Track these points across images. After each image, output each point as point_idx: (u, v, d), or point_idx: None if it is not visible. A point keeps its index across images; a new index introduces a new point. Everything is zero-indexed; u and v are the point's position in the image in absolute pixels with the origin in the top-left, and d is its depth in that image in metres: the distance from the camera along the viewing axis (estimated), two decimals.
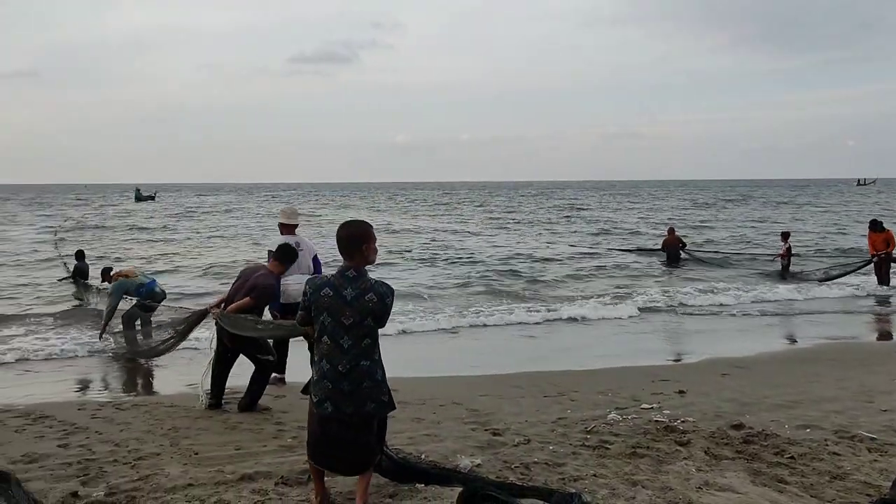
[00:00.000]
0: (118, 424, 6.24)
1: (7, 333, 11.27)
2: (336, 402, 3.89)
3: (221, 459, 5.16)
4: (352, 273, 3.92)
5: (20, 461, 5.18)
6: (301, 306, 4.04)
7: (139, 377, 8.95)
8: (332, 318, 3.86)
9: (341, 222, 4.07)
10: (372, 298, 3.88)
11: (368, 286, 3.91)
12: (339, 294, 3.86)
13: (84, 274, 14.86)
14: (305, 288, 3.99)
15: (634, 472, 4.84)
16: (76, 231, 33.27)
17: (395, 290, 4.09)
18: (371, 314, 3.88)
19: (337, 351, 3.86)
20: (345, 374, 3.87)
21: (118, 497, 4.41)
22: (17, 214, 51.01)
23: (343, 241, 3.95)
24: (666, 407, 6.60)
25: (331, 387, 3.89)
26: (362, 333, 3.88)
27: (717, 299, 14.43)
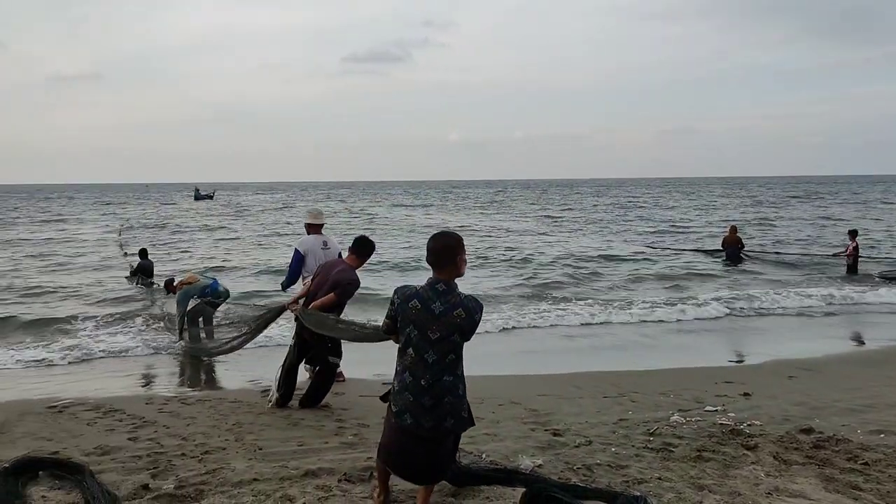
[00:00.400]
0: (184, 419, 6.39)
1: (76, 329, 11.68)
2: (416, 416, 3.81)
3: (285, 455, 5.24)
4: (441, 287, 3.81)
5: (93, 453, 5.36)
6: (387, 314, 3.97)
7: (203, 373, 9.15)
8: (419, 331, 3.77)
9: (434, 233, 3.96)
10: (460, 314, 3.76)
11: (458, 301, 3.79)
12: (428, 307, 3.76)
13: (148, 271, 15.28)
14: (393, 297, 3.90)
15: (701, 476, 4.74)
16: (138, 230, 34.26)
17: (483, 306, 3.95)
18: (458, 330, 3.77)
19: (421, 365, 3.77)
20: (427, 388, 3.78)
21: (187, 490, 4.52)
22: (83, 213, 52.74)
23: (436, 253, 3.84)
24: (731, 410, 6.45)
25: (412, 399, 3.81)
26: (448, 349, 3.77)
27: (779, 299, 14.02)
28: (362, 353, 8.69)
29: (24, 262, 21.79)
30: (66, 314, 12.87)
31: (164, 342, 10.45)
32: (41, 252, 24.67)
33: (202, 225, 38.96)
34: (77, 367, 9.45)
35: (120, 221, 37.16)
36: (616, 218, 42.74)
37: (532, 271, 18.94)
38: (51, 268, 20.59)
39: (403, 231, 33.99)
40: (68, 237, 31.27)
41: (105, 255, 23.39)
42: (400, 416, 3.85)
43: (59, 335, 11.19)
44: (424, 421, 3.80)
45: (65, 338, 10.95)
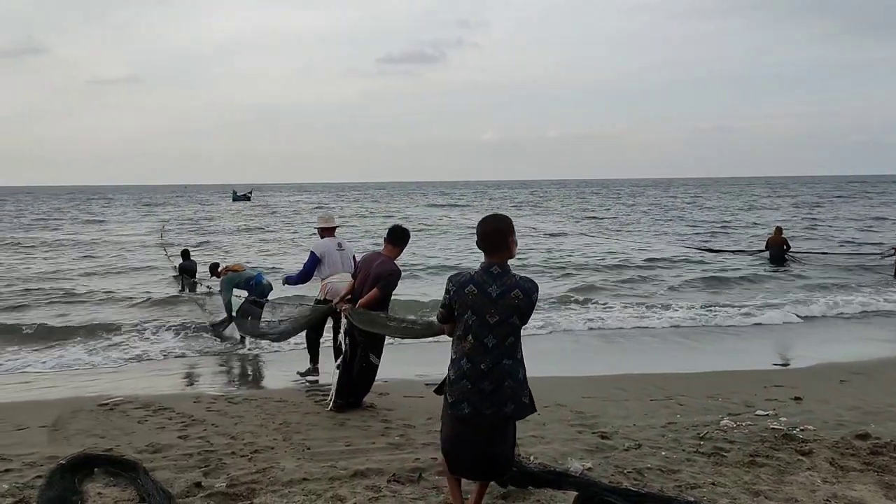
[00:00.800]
0: (232, 418, 6.47)
1: (122, 330, 11.88)
2: (474, 403, 3.72)
3: (333, 455, 5.27)
4: (496, 269, 3.73)
5: (145, 451, 5.44)
6: (442, 303, 3.89)
7: (247, 372, 9.26)
8: (477, 316, 3.69)
9: (484, 216, 3.87)
10: (518, 295, 3.70)
11: (514, 282, 3.72)
12: (484, 291, 3.69)
13: (191, 272, 15.50)
14: (448, 285, 3.81)
15: (755, 481, 4.65)
16: (178, 231, 34.73)
17: (539, 286, 3.87)
18: (517, 311, 3.70)
19: (480, 350, 3.69)
20: (486, 372, 3.69)
21: (239, 489, 4.57)
22: (123, 214, 53.71)
23: (489, 236, 3.76)
24: (782, 414, 6.32)
25: (470, 387, 3.72)
26: (507, 332, 3.71)
27: (827, 301, 13.71)
28: (402, 353, 8.73)
29: (70, 264, 22.24)
30: (112, 315, 13.12)
31: (207, 343, 10.61)
32: (86, 254, 25.16)
33: (240, 226, 39.44)
34: (124, 366, 9.62)
35: (160, 223, 37.74)
36: (654, 220, 42.22)
37: (571, 272, 18.77)
38: (95, 269, 21.01)
39: (445, 233, 33.26)
40: (111, 239, 31.84)
41: (148, 256, 23.79)
42: (457, 406, 3.77)
43: (105, 335, 11.38)
44: (484, 408, 3.71)
45: (112, 337, 11.14)
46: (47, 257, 24.07)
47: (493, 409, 3.71)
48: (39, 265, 21.31)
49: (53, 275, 19.24)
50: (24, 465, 5.16)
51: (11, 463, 5.21)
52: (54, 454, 5.32)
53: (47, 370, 9.31)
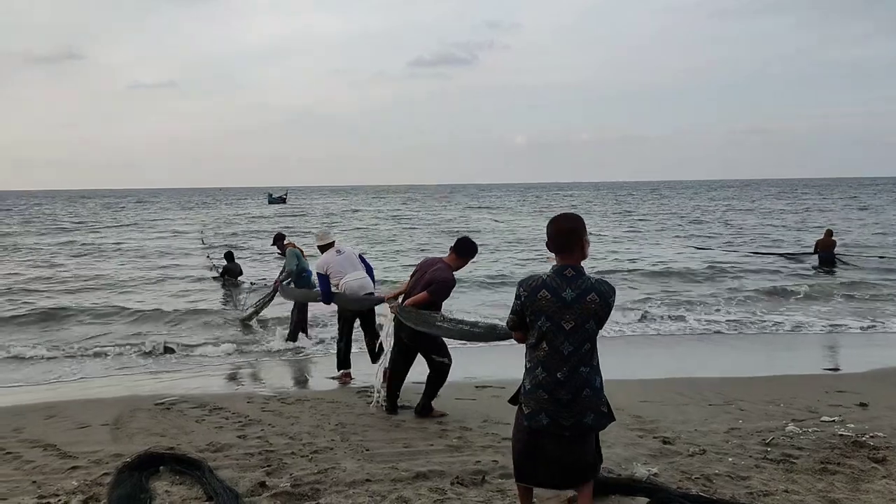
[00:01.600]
0: (287, 418, 6.49)
1: (174, 329, 12.09)
2: (552, 414, 3.55)
3: (392, 456, 5.26)
4: (570, 272, 3.54)
5: (206, 449, 5.49)
6: (512, 310, 3.70)
7: (296, 373, 9.28)
8: (552, 322, 3.51)
9: (555, 215, 3.72)
10: (594, 299, 3.51)
11: (589, 285, 3.54)
12: (558, 296, 3.50)
13: (235, 273, 15.69)
14: (518, 290, 3.63)
15: (829, 489, 4.52)
16: (217, 233, 35.11)
17: (615, 289, 3.70)
18: (594, 316, 3.52)
19: (556, 357, 3.52)
20: (563, 381, 3.52)
21: (303, 489, 4.57)
22: (163, 216, 54.54)
23: (562, 236, 3.58)
24: (848, 420, 6.15)
25: (546, 397, 3.55)
26: (583, 338, 3.53)
27: (880, 306, 13.35)
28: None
29: (112, 266, 22.56)
30: (160, 316, 13.28)
31: (251, 344, 10.70)
32: (131, 257, 25.45)
33: (278, 227, 39.78)
34: (175, 365, 9.70)
35: (200, 225, 38.25)
36: (690, 222, 41.62)
37: (620, 278, 18.29)
38: (139, 269, 21.34)
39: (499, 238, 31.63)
40: (154, 241, 32.31)
41: (190, 258, 24.10)
42: (533, 418, 3.60)
43: (155, 335, 11.51)
44: (563, 419, 3.54)
45: (163, 338, 11.23)
46: (85, 263, 24.34)
47: (572, 421, 3.54)
48: (78, 270, 21.43)
49: (101, 276, 19.46)
50: (90, 462, 5.24)
51: (78, 460, 5.30)
52: (119, 452, 5.41)
53: (103, 372, 9.40)
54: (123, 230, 40.08)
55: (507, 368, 8.71)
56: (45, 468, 5.14)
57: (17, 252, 27.19)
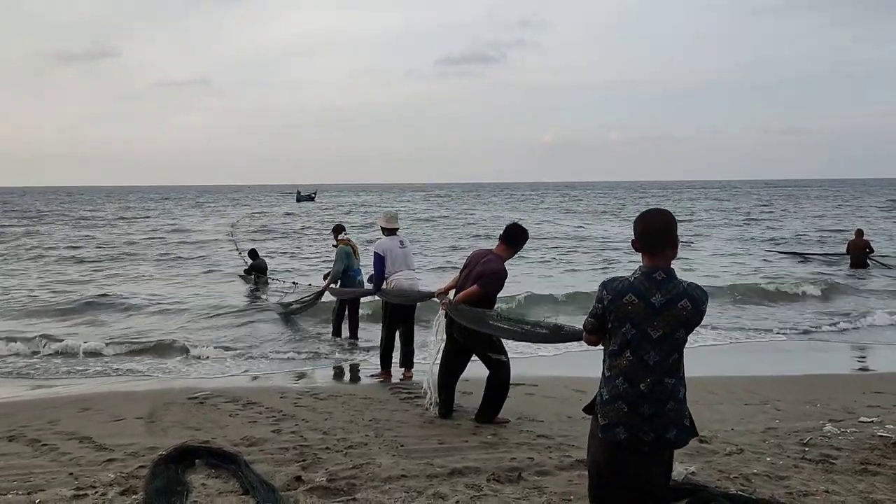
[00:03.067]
0: (321, 413, 6.52)
1: (194, 326, 12.16)
2: (632, 427, 3.19)
3: (427, 452, 5.26)
4: (660, 275, 3.16)
5: (241, 444, 5.53)
6: (592, 312, 3.33)
7: (328, 369, 9.28)
8: (637, 329, 3.15)
9: (644, 211, 3.31)
10: (686, 306, 3.14)
11: (681, 290, 3.15)
12: (647, 301, 3.13)
13: (262, 269, 15.84)
14: (601, 293, 3.26)
15: (871, 490, 4.45)
16: (247, 231, 35.22)
17: (709, 295, 3.30)
18: (685, 324, 3.16)
19: (640, 368, 3.17)
20: (647, 394, 3.17)
21: (339, 483, 4.59)
22: (193, 213, 55.08)
23: (654, 234, 3.20)
24: (888, 421, 6.05)
25: (626, 409, 3.20)
26: (672, 347, 3.17)
27: None
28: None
29: (144, 264, 22.81)
30: (188, 312, 13.37)
31: (278, 342, 10.71)
32: (165, 256, 25.56)
33: (307, 226, 39.99)
34: (204, 362, 9.69)
35: (231, 223, 38.45)
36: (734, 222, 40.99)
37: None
38: (170, 265, 21.60)
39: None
40: (185, 238, 32.60)
41: (219, 254, 24.31)
42: (609, 430, 3.24)
43: (183, 331, 11.59)
44: (643, 433, 3.18)
45: (186, 333, 11.30)
46: (133, 257, 24.65)
47: (653, 436, 3.19)
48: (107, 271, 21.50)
49: (129, 274, 19.64)
50: (126, 454, 5.30)
51: (114, 453, 5.36)
52: (154, 445, 5.46)
53: (141, 368, 9.42)
54: (161, 228, 40.45)
55: (538, 366, 8.72)
56: (81, 460, 5.21)
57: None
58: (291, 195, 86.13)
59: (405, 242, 8.20)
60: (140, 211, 59.76)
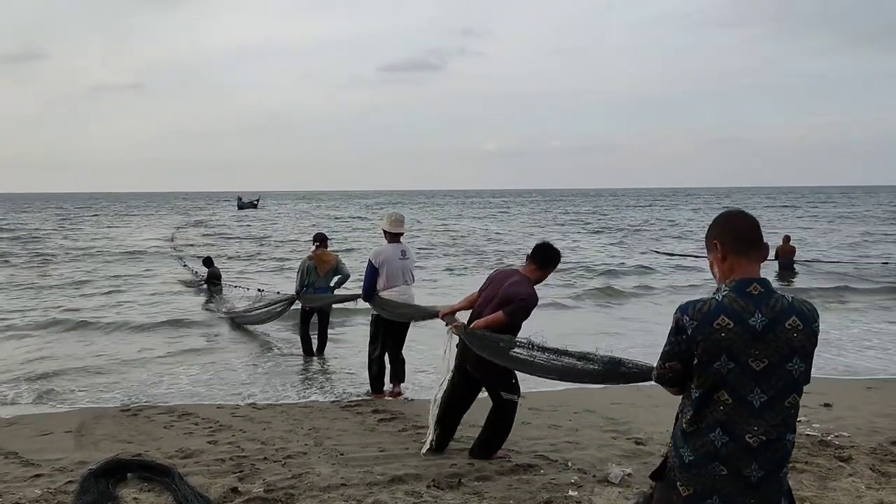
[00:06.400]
0: (259, 423, 6.40)
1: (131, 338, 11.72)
2: (731, 499, 2.42)
3: (368, 460, 5.22)
4: (756, 288, 2.42)
5: (175, 455, 5.39)
6: (670, 351, 2.49)
7: (267, 378, 9.07)
8: (736, 362, 2.39)
9: (731, 211, 2.60)
10: (796, 325, 2.40)
11: (786, 306, 2.42)
12: (745, 324, 2.38)
13: (217, 277, 15.52)
14: (681, 319, 2.45)
15: (798, 487, 4.58)
16: (188, 240, 34.22)
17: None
18: (798, 352, 2.40)
19: (743, 413, 2.40)
20: (756, 450, 2.39)
21: (277, 494, 4.52)
22: (129, 222, 53.45)
23: (753, 230, 2.51)
24: (814, 420, 6.27)
25: (726, 473, 2.41)
26: (783, 384, 2.40)
27: (835, 308, 13.52)
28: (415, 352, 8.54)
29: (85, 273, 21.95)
30: (126, 320, 12.93)
31: (228, 352, 10.37)
32: (103, 265, 24.59)
33: (248, 234, 39.26)
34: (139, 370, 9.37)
35: (171, 232, 37.25)
36: (646, 227, 42.02)
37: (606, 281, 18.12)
38: (111, 270, 20.87)
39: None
40: (123, 247, 31.41)
41: (160, 262, 23.63)
42: (698, 502, 2.46)
43: (112, 341, 11.16)
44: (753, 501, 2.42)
45: (121, 344, 10.92)
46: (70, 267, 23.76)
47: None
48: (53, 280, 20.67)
49: (72, 284, 18.80)
50: (53, 470, 5.12)
51: (41, 468, 5.16)
52: (83, 459, 5.28)
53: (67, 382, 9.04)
54: (92, 236, 39.13)
55: None
56: (6, 476, 4.99)
57: None
58: (232, 202, 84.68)
59: (407, 252, 7.35)
60: (74, 220, 57.66)
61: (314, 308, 9.51)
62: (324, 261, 9.39)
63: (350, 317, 11.61)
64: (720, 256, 2.50)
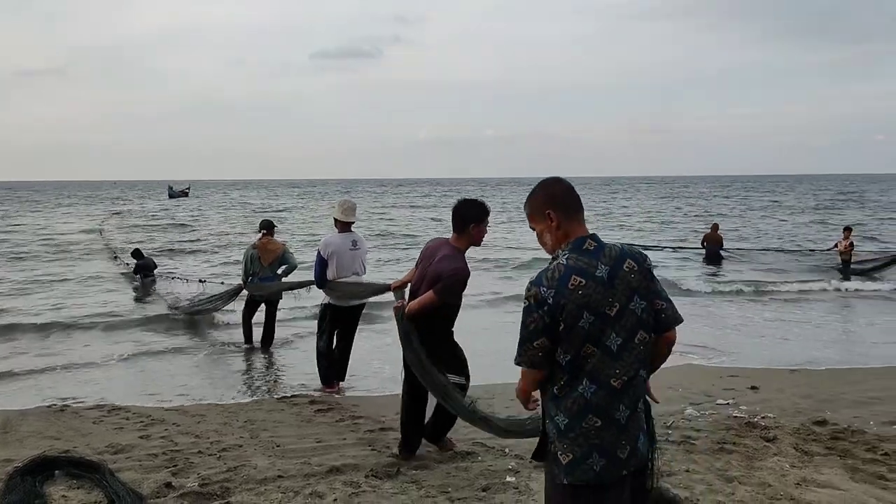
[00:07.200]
0: (193, 416, 6.28)
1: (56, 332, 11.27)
2: (607, 450, 2.48)
3: (305, 452, 5.18)
4: (591, 244, 2.56)
5: (106, 451, 5.25)
6: (532, 331, 2.50)
7: (203, 371, 8.88)
8: (595, 314, 2.47)
9: (549, 181, 2.73)
10: (632, 266, 2.55)
11: (619, 252, 2.57)
12: (594, 277, 2.49)
13: (149, 268, 15.04)
14: (536, 292, 2.49)
15: (727, 467, 4.76)
16: (119, 229, 33.02)
17: None
18: (638, 291, 2.54)
19: (607, 359, 2.48)
20: (620, 392, 2.50)
21: (212, 488, 4.44)
22: (53, 211, 51.42)
23: (568, 194, 2.65)
24: (741, 403, 6.49)
25: (600, 423, 2.48)
26: (633, 324, 2.53)
27: (770, 294, 14.03)
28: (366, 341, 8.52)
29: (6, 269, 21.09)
30: (53, 318, 12.41)
31: (155, 342, 10.08)
32: (18, 256, 23.71)
33: (180, 224, 38.19)
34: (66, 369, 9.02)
35: (97, 222, 35.84)
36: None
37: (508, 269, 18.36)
38: (34, 265, 20.07)
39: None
40: (47, 237, 30.22)
41: (86, 256, 22.82)
42: (580, 466, 2.48)
43: (41, 339, 10.71)
44: (620, 450, 2.50)
45: (47, 341, 10.49)
46: None
47: (628, 450, 2.52)
48: None
49: None
50: None
51: None
52: (8, 457, 5.08)
53: None
54: (12, 226, 37.49)
55: None
56: None
57: None
58: (163, 191, 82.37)
59: (359, 242, 7.09)
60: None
61: (261, 298, 9.17)
62: (269, 250, 9.08)
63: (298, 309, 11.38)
64: (555, 225, 2.62)
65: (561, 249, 2.59)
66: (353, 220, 7.08)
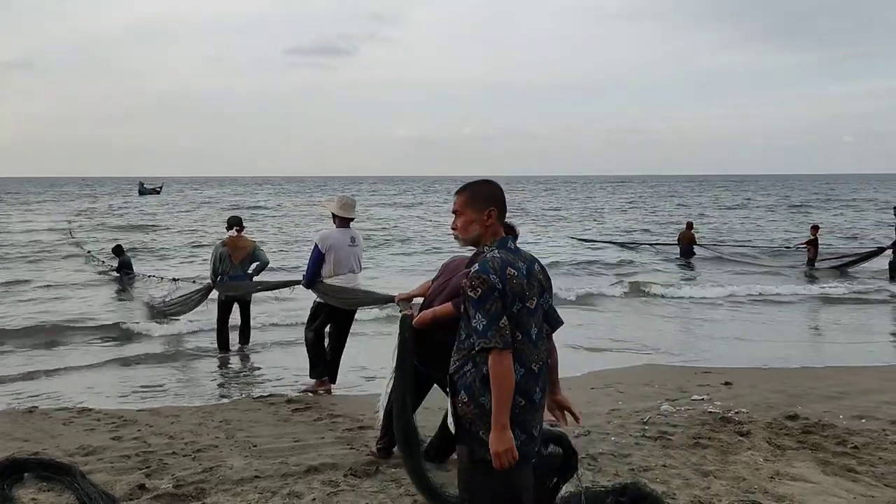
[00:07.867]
0: (166, 417, 6.18)
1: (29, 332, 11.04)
2: (527, 426, 2.81)
3: (282, 451, 5.13)
4: (512, 244, 2.95)
5: (77, 453, 5.14)
6: (496, 311, 2.73)
7: (176, 371, 8.73)
8: (523, 303, 2.81)
9: (494, 183, 3.06)
10: (540, 269, 2.99)
11: (529, 255, 3.00)
12: (521, 271, 2.85)
13: (129, 266, 14.86)
14: (488, 278, 2.74)
15: (702, 462, 4.82)
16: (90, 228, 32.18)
17: None
18: (548, 290, 3.01)
19: (529, 345, 2.82)
20: (538, 374, 2.85)
21: (187, 489, 4.38)
22: (19, 209, 50.27)
23: (504, 202, 2.99)
24: (715, 398, 6.56)
25: (524, 403, 2.78)
26: (541, 317, 2.94)
27: (723, 292, 14.14)
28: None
29: None
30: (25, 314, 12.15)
31: (128, 345, 9.88)
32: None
33: (151, 221, 37.53)
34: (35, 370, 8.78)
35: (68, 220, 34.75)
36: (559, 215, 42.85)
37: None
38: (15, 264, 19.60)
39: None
40: (11, 240, 29.53)
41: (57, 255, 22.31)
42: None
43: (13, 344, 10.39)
44: (535, 429, 2.86)
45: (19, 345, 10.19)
46: None
47: (538, 428, 2.90)
48: None
49: None
50: None
51: None
52: None
53: None
54: None
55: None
56: None
57: None
58: (133, 188, 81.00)
59: (357, 239, 6.94)
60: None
61: (232, 298, 8.88)
62: (239, 247, 8.79)
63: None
64: (490, 222, 2.91)
65: (487, 245, 2.91)
66: (352, 216, 6.93)
